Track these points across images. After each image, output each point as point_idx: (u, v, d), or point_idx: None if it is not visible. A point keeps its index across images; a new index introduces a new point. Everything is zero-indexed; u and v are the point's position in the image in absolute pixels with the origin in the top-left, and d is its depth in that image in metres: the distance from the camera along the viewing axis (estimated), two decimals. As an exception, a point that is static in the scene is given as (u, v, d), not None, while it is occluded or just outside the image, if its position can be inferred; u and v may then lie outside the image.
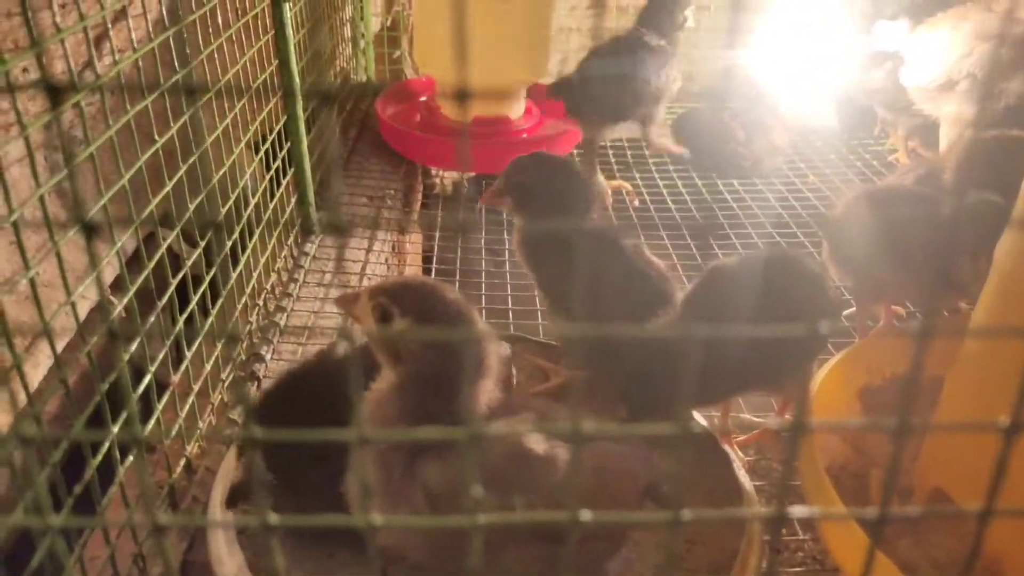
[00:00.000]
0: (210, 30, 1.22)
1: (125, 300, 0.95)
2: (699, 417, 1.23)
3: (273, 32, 1.54)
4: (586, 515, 0.40)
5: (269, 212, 1.55)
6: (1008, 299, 1.00)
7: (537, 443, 0.76)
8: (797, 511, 0.39)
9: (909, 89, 2.12)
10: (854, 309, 1.56)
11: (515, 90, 2.33)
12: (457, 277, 1.70)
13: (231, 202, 1.29)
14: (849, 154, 2.45)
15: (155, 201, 0.97)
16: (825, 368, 1.28)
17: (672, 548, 0.41)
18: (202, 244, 1.10)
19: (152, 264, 0.97)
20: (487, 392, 0.80)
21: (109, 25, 0.96)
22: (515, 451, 0.75)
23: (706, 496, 1.10)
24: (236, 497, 0.96)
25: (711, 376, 0.91)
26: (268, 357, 1.35)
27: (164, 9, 1.14)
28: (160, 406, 0.96)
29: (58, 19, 0.79)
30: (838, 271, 1.45)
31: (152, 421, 0.95)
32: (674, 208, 2.12)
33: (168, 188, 1.03)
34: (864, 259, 1.35)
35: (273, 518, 0.40)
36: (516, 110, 2.37)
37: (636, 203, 2.17)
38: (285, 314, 1.48)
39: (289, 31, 1.55)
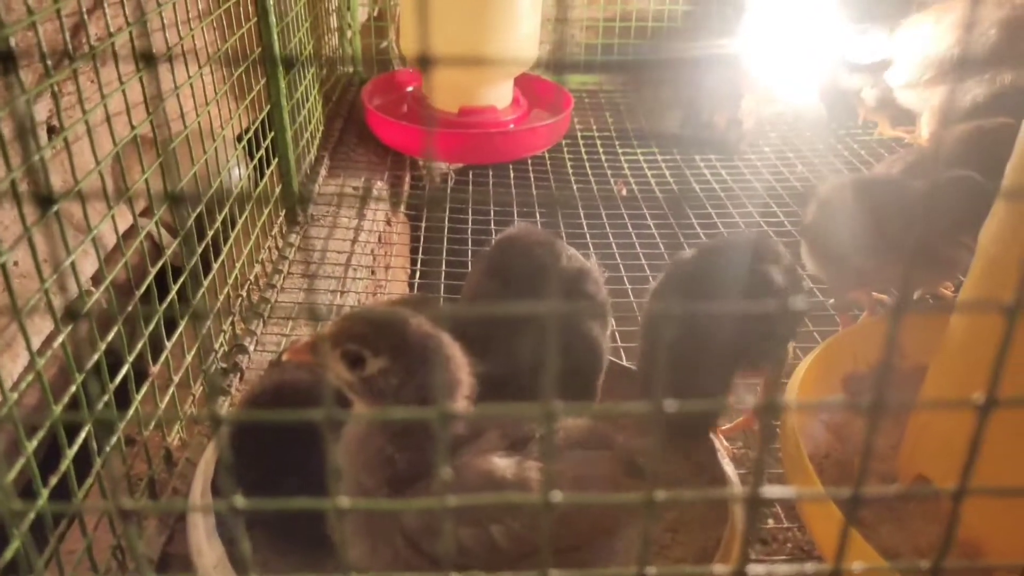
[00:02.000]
0: (189, 15, 1.21)
1: (102, 289, 0.94)
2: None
3: (256, 20, 1.53)
4: (558, 496, 0.39)
5: (252, 201, 1.54)
6: (993, 285, 1.00)
7: (508, 469, 0.75)
8: (770, 491, 0.39)
9: (895, 88, 2.13)
10: (836, 298, 1.57)
11: (502, 79, 2.32)
12: (443, 268, 1.69)
13: (212, 190, 1.28)
14: (836, 143, 2.45)
15: (131, 189, 0.95)
16: (809, 356, 1.28)
17: (648, 530, 0.40)
18: (182, 233, 1.09)
19: (129, 253, 0.96)
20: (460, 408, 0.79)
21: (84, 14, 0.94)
22: (488, 482, 0.74)
23: (691, 485, 1.10)
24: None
25: (690, 366, 0.91)
26: (252, 348, 1.34)
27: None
28: (139, 397, 0.95)
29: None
30: (818, 262, 1.46)
31: (131, 411, 0.94)
32: (661, 198, 2.12)
33: (147, 174, 1.01)
34: (844, 247, 1.35)
35: (240, 501, 0.40)
36: (503, 100, 2.36)
37: (624, 192, 2.16)
38: (269, 305, 1.47)
39: (272, 18, 1.54)
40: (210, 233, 1.28)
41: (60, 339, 0.73)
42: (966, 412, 0.41)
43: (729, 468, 1.10)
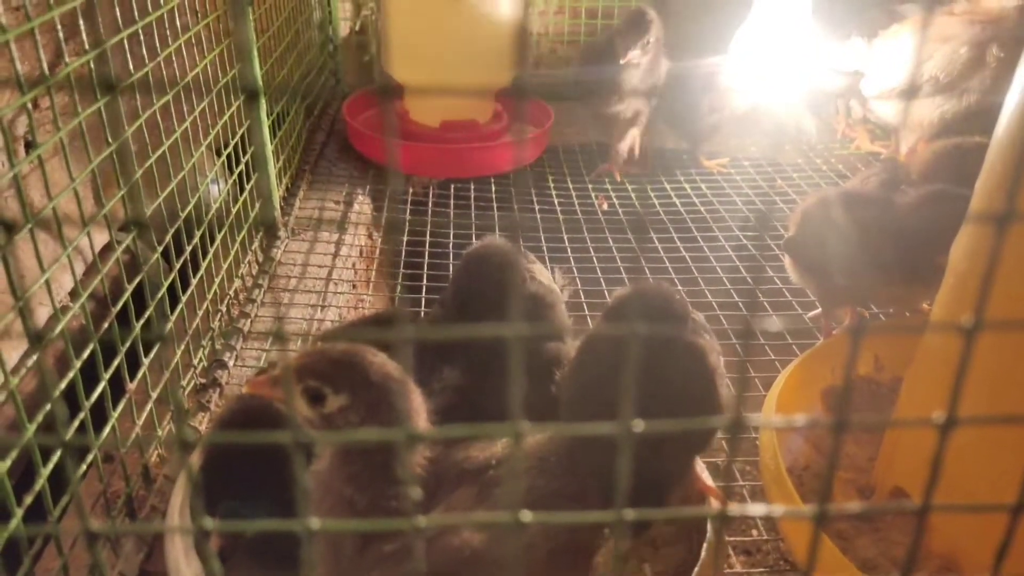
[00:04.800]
0: (167, 31, 1.21)
1: (78, 304, 0.94)
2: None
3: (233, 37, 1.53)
4: (527, 516, 0.39)
5: (232, 216, 1.54)
6: (963, 300, 1.01)
7: (475, 537, 0.75)
8: (738, 509, 0.39)
9: (871, 99, 2.16)
10: (819, 311, 1.58)
11: (483, 93, 2.33)
12: (424, 282, 1.69)
13: (191, 206, 1.28)
14: (816, 158, 2.48)
15: (109, 204, 0.95)
16: (788, 369, 1.29)
17: (619, 547, 0.41)
18: (159, 248, 1.08)
19: (106, 268, 0.95)
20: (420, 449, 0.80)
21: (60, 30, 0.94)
22: (457, 556, 0.75)
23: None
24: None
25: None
26: (231, 363, 1.33)
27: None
28: (116, 414, 0.95)
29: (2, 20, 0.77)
30: (802, 276, 1.47)
31: (107, 429, 0.93)
32: (644, 213, 2.13)
33: (122, 192, 1.01)
34: (827, 262, 1.36)
35: (209, 523, 0.40)
36: (484, 113, 2.37)
37: (605, 207, 2.18)
38: (249, 319, 1.46)
39: (251, 34, 1.54)
40: (188, 249, 1.28)
41: (32, 361, 0.72)
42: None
43: (707, 479, 1.10)
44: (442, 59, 2.18)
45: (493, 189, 2.20)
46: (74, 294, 1.42)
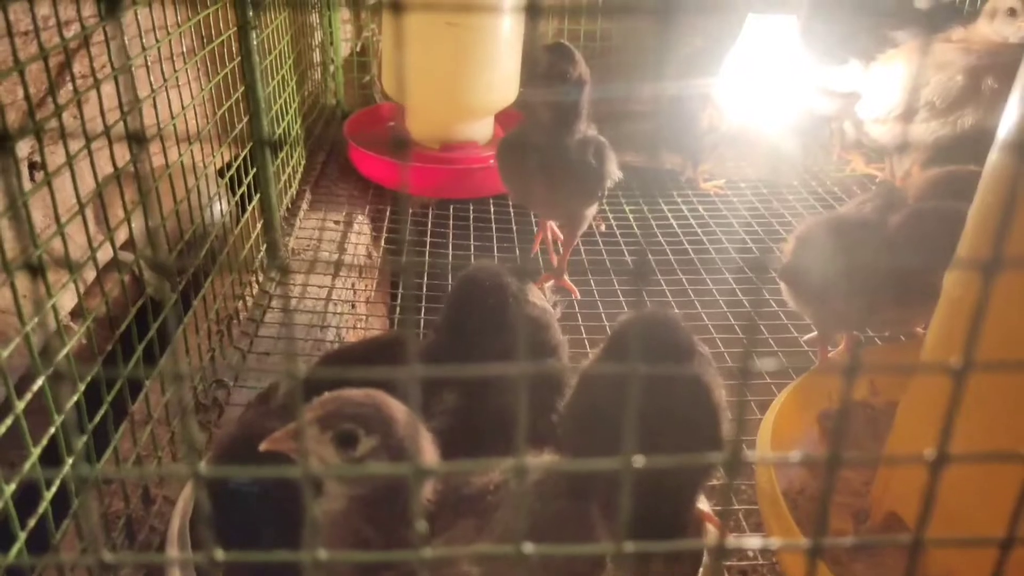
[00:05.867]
0: (173, 57, 1.22)
1: (83, 327, 0.95)
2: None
3: (240, 59, 1.55)
4: (529, 548, 0.40)
5: (234, 238, 1.55)
6: (956, 328, 1.03)
7: (475, 570, 0.76)
8: (735, 543, 0.40)
9: (866, 122, 2.19)
10: (815, 334, 1.60)
11: (482, 116, 2.35)
12: (423, 303, 1.70)
13: (192, 230, 1.29)
14: (811, 180, 2.50)
15: (113, 229, 0.96)
16: (784, 392, 1.30)
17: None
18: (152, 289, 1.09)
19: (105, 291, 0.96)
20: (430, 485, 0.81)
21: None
22: None
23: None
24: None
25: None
26: (232, 384, 1.34)
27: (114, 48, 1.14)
28: (117, 436, 0.95)
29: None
30: (799, 303, 1.48)
31: (108, 452, 0.94)
32: (640, 234, 2.15)
33: (126, 216, 1.02)
34: (820, 291, 1.37)
35: (219, 554, 0.41)
36: (484, 135, 2.39)
37: (603, 228, 2.19)
38: (250, 340, 1.47)
39: (255, 57, 1.56)
40: (191, 269, 1.29)
41: (37, 384, 0.73)
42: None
43: (704, 504, 1.11)
44: (442, 81, 2.20)
45: (492, 210, 2.22)
46: (75, 313, 1.43)
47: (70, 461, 0.77)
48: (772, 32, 2.20)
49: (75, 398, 0.80)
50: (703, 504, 1.11)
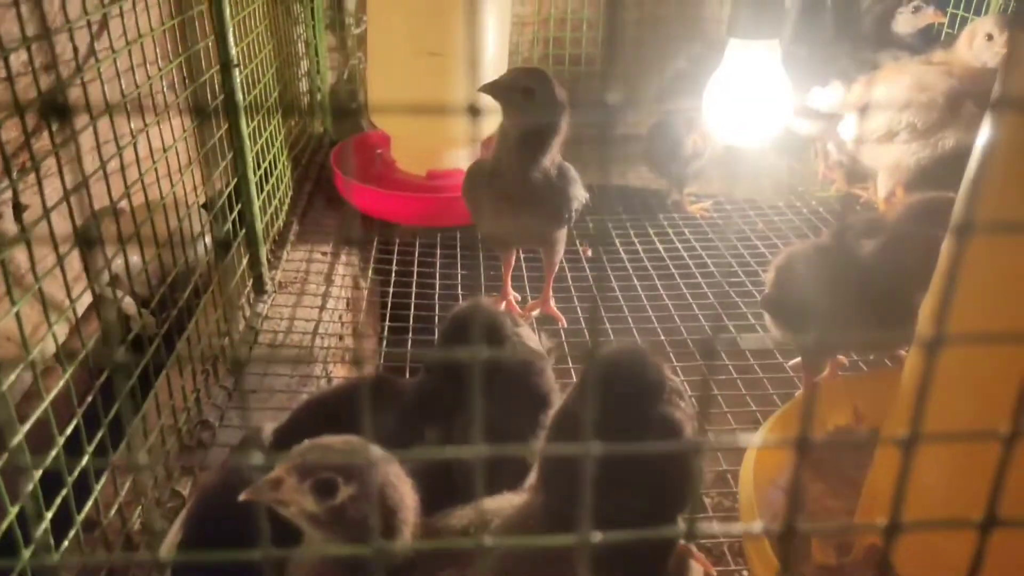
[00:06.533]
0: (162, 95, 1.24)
1: (71, 370, 0.95)
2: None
3: (223, 97, 1.56)
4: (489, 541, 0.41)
5: (219, 272, 1.55)
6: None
7: None
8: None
9: (849, 142, 2.21)
10: (798, 359, 1.60)
11: (468, 143, 2.37)
12: (410, 334, 1.71)
13: (177, 266, 1.29)
14: (796, 200, 2.52)
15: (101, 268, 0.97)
16: (768, 422, 1.31)
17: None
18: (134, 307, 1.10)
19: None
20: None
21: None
22: None
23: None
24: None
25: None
26: (217, 424, 1.34)
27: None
28: (99, 486, 0.95)
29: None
30: (784, 332, 1.49)
31: (89, 502, 0.94)
32: (626, 258, 2.16)
33: (119, 249, 1.03)
34: (802, 319, 1.38)
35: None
36: (471, 162, 2.40)
37: (589, 254, 2.20)
38: (235, 379, 1.47)
39: (239, 95, 1.57)
40: (176, 307, 1.29)
41: (16, 438, 0.74)
42: (919, 475, 0.43)
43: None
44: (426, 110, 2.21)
45: (479, 237, 2.22)
46: (56, 355, 1.43)
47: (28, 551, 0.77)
48: (754, 56, 2.22)
49: (54, 452, 0.80)
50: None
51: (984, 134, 0.92)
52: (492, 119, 2.30)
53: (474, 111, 0.35)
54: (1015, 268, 0.82)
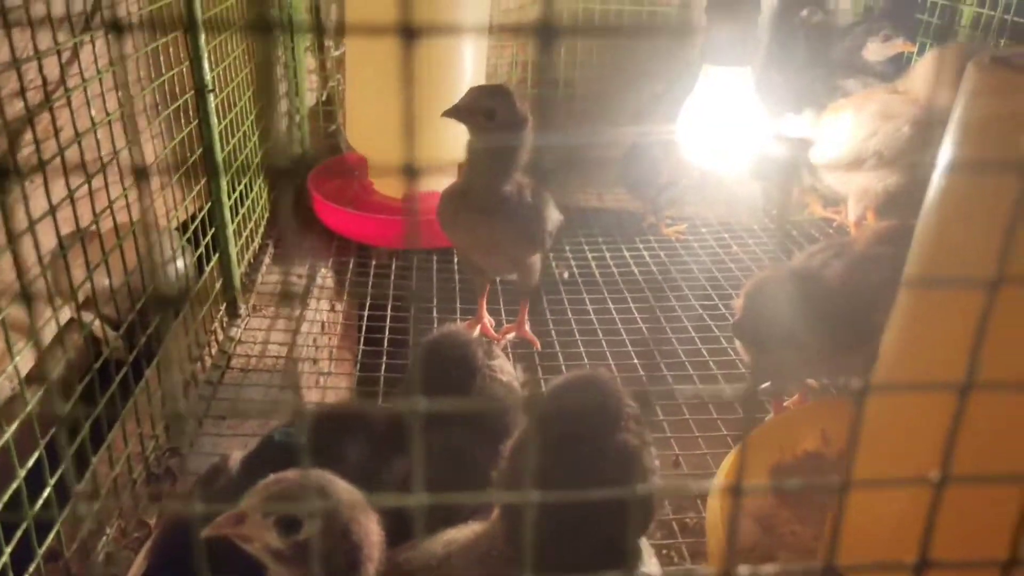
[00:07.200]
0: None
1: (37, 395, 0.94)
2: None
3: (197, 120, 1.56)
4: None
5: (192, 296, 1.55)
6: (900, 375, 1.04)
7: None
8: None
9: (819, 167, 2.24)
10: (769, 384, 1.62)
11: (446, 165, 2.38)
12: (384, 359, 1.71)
13: (150, 289, 1.29)
14: (770, 224, 2.55)
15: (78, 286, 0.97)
16: (738, 446, 1.32)
17: None
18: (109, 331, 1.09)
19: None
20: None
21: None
22: None
23: None
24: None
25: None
26: (187, 451, 1.33)
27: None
28: (62, 516, 0.95)
29: None
30: (754, 358, 1.50)
31: (51, 534, 0.93)
32: (601, 281, 2.17)
33: (89, 274, 1.03)
34: (771, 344, 1.40)
35: None
36: (447, 184, 2.41)
37: (565, 276, 2.22)
38: (207, 403, 1.47)
39: (213, 119, 1.57)
40: (147, 331, 1.29)
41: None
42: (879, 510, 0.44)
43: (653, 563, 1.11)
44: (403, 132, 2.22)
45: (455, 260, 2.23)
46: (30, 378, 1.42)
47: None
48: (728, 83, 2.25)
49: (15, 485, 0.80)
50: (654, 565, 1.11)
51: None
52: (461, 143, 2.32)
53: (410, 170, 0.36)
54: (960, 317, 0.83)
